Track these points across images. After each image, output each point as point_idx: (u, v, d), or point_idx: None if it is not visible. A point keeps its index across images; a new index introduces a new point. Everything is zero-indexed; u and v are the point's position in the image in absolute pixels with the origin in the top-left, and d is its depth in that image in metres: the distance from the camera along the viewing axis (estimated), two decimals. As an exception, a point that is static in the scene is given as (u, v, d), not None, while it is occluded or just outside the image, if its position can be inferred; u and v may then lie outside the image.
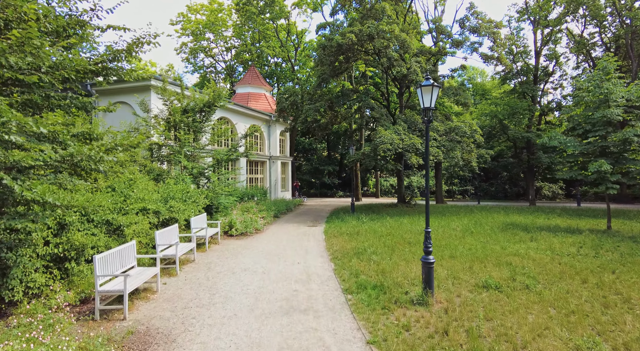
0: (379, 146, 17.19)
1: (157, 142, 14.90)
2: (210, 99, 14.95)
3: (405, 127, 18.84)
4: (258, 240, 12.89)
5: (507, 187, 36.52)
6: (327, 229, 15.07)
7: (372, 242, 11.82)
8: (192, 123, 14.59)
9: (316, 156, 45.84)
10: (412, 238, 12.63)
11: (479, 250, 10.71)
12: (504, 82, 26.97)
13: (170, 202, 10.76)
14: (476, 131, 18.65)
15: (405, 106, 24.08)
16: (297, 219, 19.06)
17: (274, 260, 9.80)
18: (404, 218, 18.00)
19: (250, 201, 20.96)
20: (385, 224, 15.71)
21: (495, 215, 19.67)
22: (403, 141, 17.54)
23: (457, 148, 18.26)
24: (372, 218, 17.61)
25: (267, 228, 15.68)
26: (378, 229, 14.41)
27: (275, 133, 28.53)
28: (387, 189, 40.17)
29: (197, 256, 10.31)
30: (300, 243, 12.37)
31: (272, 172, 28.57)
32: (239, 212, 15.91)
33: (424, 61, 20.12)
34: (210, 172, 14.48)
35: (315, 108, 20.25)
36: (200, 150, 15.07)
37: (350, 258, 9.79)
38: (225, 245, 12.03)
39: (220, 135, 15.94)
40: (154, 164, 13.69)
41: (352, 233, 13.61)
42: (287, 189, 30.92)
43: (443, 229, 14.73)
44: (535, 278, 7.77)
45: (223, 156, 15.05)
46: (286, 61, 35.05)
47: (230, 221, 13.88)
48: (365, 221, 16.60)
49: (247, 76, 30.49)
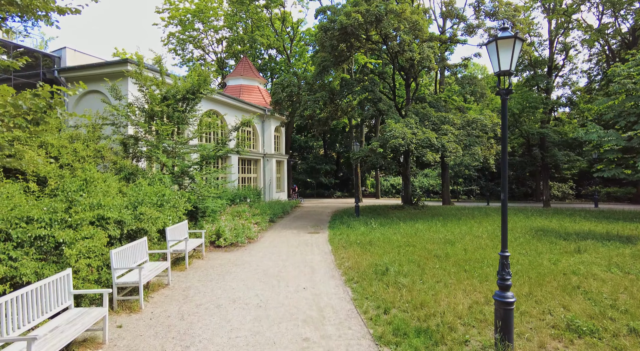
0: (390, 140, 15.05)
1: (134, 135, 12.60)
2: (194, 84, 12.67)
3: (417, 121, 16.74)
4: (251, 253, 10.66)
5: (513, 187, 34.70)
6: (332, 237, 12.89)
7: (393, 256, 9.66)
8: (172, 113, 12.30)
9: (312, 154, 43.65)
10: (438, 249, 10.50)
11: (525, 266, 8.63)
12: (517, 73, 25.08)
13: (140, 208, 8.49)
14: (498, 124, 16.61)
15: (413, 99, 21.98)
16: (295, 224, 16.85)
17: (273, 284, 7.59)
18: (417, 222, 15.89)
19: (243, 204, 18.70)
20: (399, 231, 13.59)
21: (514, 218, 17.67)
22: (416, 135, 15.43)
23: (477, 143, 16.23)
24: (382, 223, 15.47)
25: (262, 236, 13.44)
26: (393, 238, 12.26)
27: (269, 129, 26.27)
28: (387, 189, 38.13)
29: (174, 277, 8.06)
30: (303, 256, 10.16)
31: (267, 172, 26.31)
32: (229, 217, 13.66)
33: (437, 46, 18.04)
34: (195, 170, 12.19)
35: (316, 100, 18.04)
36: (182, 144, 12.79)
37: (371, 280, 7.61)
38: (211, 260, 9.78)
39: (206, 127, 13.64)
40: (126, 161, 11.38)
41: (363, 243, 11.44)
42: (283, 190, 28.68)
43: (467, 236, 12.64)
44: (635, 315, 5.67)
45: (210, 151, 12.78)
46: (281, 52, 32.75)
47: (218, 229, 11.63)
48: (375, 227, 14.45)
49: (238, 67, 28.16)
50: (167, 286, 7.46)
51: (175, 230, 9.25)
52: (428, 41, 17.70)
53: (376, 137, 16.81)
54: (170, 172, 12.44)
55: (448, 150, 15.34)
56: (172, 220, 9.77)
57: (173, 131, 12.67)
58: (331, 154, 47.71)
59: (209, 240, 11.47)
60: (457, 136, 16.15)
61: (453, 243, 11.46)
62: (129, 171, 11.00)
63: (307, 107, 17.88)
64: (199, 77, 12.85)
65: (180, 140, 12.62)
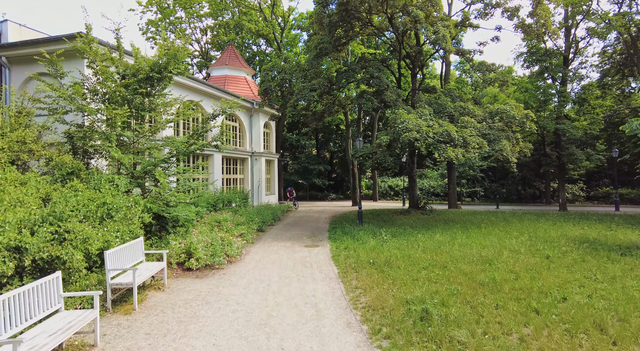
0: (402, 134, 12.52)
1: (83, 124, 9.85)
2: (161, 60, 9.95)
3: (431, 112, 14.25)
4: (231, 279, 7.97)
5: (520, 188, 32.58)
6: (336, 253, 10.28)
7: (425, 284, 7.09)
8: (132, 96, 9.55)
9: (304, 154, 40.99)
10: (478, 272, 7.98)
11: (612, 300, 6.18)
12: (531, 64, 22.94)
13: (65, 224, 5.78)
14: (528, 117, 14.23)
15: (420, 91, 19.54)
16: (288, 233, 14.18)
17: (259, 344, 4.93)
18: (433, 232, 13.38)
19: (226, 209, 15.96)
20: (418, 244, 11.04)
21: (540, 225, 15.32)
22: (432, 127, 12.93)
23: (503, 138, 13.81)
24: (393, 233, 12.90)
25: (248, 251, 10.74)
26: (414, 255, 9.70)
27: (258, 124, 23.55)
28: (384, 191, 35.68)
29: (112, 328, 5.34)
30: (302, 285, 7.52)
31: (255, 172, 23.58)
32: (206, 228, 10.93)
33: (452, 26, 15.58)
34: (160, 170, 9.43)
35: (312, 87, 15.40)
36: (146, 137, 10.04)
37: (408, 332, 5.03)
38: (174, 293, 7.06)
39: (177, 116, 10.86)
40: (65, 157, 8.57)
41: (379, 263, 8.85)
42: (273, 192, 25.96)
43: (503, 252, 10.16)
44: None
45: (180, 146, 10.04)
46: (271, 42, 30.02)
47: (189, 245, 8.91)
48: (387, 239, 11.88)
49: (223, 56, 25.37)
50: (92, 349, 4.74)
51: (120, 253, 6.52)
52: (443, 21, 15.24)
53: (384, 131, 14.30)
54: (129, 173, 9.69)
55: (470, 145, 12.88)
56: (121, 238, 7.06)
57: (131, 120, 9.92)
58: (324, 154, 45.15)
59: (177, 261, 8.75)
60: (479, 129, 13.71)
61: (491, 262, 8.97)
62: (68, 170, 8.23)
63: (302, 97, 15.24)
64: (167, 51, 10.13)
65: (143, 131, 9.86)
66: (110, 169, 10.30)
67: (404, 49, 18.60)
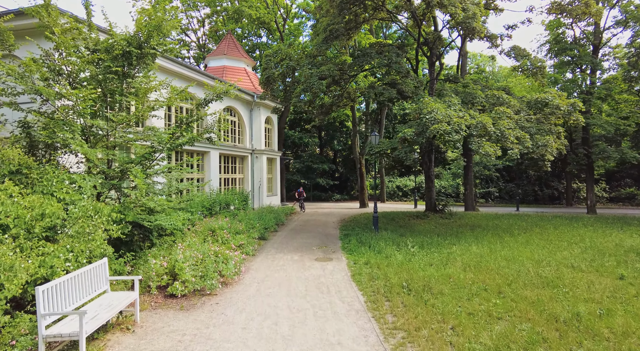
0: (430, 126, 10.59)
1: (42, 112, 7.93)
2: (141, 32, 8.03)
3: (459, 102, 12.32)
4: (226, 313, 6.04)
5: (536, 189, 30.66)
6: (356, 271, 8.36)
7: (490, 325, 5.16)
8: (104, 75, 7.62)
9: (306, 152, 39.01)
10: (544, 299, 6.07)
11: None
12: (559, 53, 20.98)
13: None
14: (575, 106, 12.22)
15: (439, 80, 17.60)
16: (294, 242, 12.25)
17: None
18: (465, 241, 11.46)
19: (224, 213, 14.05)
20: (454, 259, 9.11)
21: (584, 232, 13.39)
22: (463, 119, 11.00)
23: (545, 131, 11.88)
24: (420, 243, 10.96)
25: (248, 268, 8.81)
26: (454, 274, 7.79)
27: (259, 119, 21.61)
28: (392, 191, 33.73)
29: None
30: (321, 325, 5.58)
31: (256, 171, 21.64)
32: (198, 239, 9.01)
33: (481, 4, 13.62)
34: (138, 168, 7.47)
35: (321, 74, 13.45)
36: (120, 124, 8.11)
37: None
38: (147, 336, 5.13)
39: (160, 101, 8.88)
40: (9, 151, 6.62)
41: (415, 287, 6.92)
42: (275, 193, 24.02)
43: (561, 268, 8.24)
44: None
45: (163, 138, 8.08)
46: (273, 30, 28.03)
47: (174, 265, 6.99)
48: (415, 251, 9.95)
49: (221, 45, 23.41)
50: None
51: (67, 286, 4.60)
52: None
53: (408, 124, 12.36)
54: (100, 172, 7.77)
55: (509, 139, 10.94)
56: (75, 261, 5.14)
57: (105, 106, 7.99)
58: (327, 153, 43.17)
59: (157, 284, 6.82)
60: (517, 121, 11.78)
61: (556, 285, 7.07)
62: (12, 168, 6.30)
63: (309, 86, 13.27)
64: (147, 22, 8.20)
65: (118, 120, 7.90)
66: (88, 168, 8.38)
67: (421, 36, 16.65)
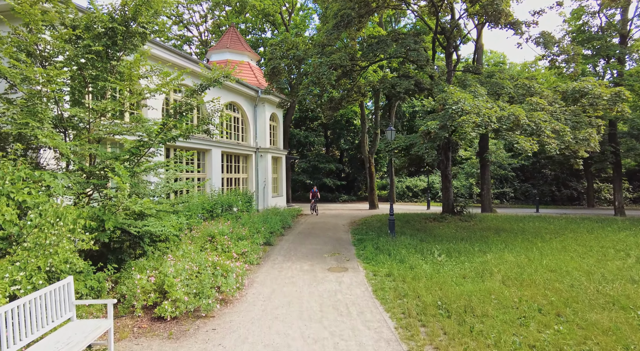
0: (456, 118, 9.36)
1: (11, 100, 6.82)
2: (127, 6, 6.89)
3: (485, 92, 11.06)
4: (224, 344, 4.84)
5: (553, 189, 29.24)
6: (377, 285, 7.15)
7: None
8: (83, 56, 6.48)
9: (312, 152, 37.83)
10: (623, 327, 4.82)
11: None
12: (584, 43, 19.61)
13: None
14: (620, 96, 10.85)
15: (456, 71, 16.35)
16: (303, 248, 11.05)
17: None
18: (496, 247, 10.21)
19: (226, 216, 12.91)
20: (490, 269, 7.87)
21: (624, 237, 12.09)
22: (493, 110, 9.74)
23: (585, 124, 10.58)
24: (446, 250, 9.72)
25: (252, 281, 7.62)
26: (495, 289, 6.55)
27: (263, 116, 20.46)
28: (401, 191, 32.46)
29: None
30: (344, 359, 4.38)
31: (260, 170, 20.49)
32: (194, 248, 7.84)
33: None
34: (119, 164, 6.29)
35: (331, 63, 12.25)
36: (104, 114, 6.96)
37: None
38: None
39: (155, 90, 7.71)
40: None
41: (454, 307, 5.71)
42: (281, 194, 22.85)
43: (624, 284, 6.98)
44: None
45: (151, 130, 6.92)
46: (278, 24, 26.89)
47: (163, 280, 5.83)
48: (443, 261, 8.72)
49: (224, 39, 22.29)
50: None
51: (12, 318, 3.43)
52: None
53: (430, 116, 11.11)
54: (79, 169, 6.64)
55: (545, 133, 9.68)
56: (29, 282, 3.99)
57: (80, 91, 6.86)
58: (333, 152, 41.95)
59: (143, 303, 5.66)
60: (552, 113, 10.51)
61: (624, 306, 5.82)
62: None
63: (319, 76, 12.07)
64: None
65: (100, 108, 6.75)
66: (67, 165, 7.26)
67: (438, 25, 15.40)
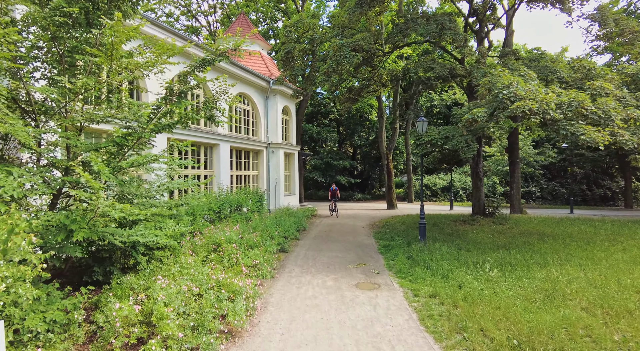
0: (509, 104, 7.79)
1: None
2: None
3: (535, 77, 9.42)
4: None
5: (584, 188, 27.28)
6: (423, 311, 5.67)
7: None
8: (52, 19, 5.11)
9: (325, 148, 36.36)
10: None
11: None
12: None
13: None
14: None
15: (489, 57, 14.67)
16: (323, 256, 9.59)
17: None
18: (551, 257, 8.62)
19: (235, 217, 11.57)
20: (561, 288, 6.31)
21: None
22: (548, 94, 8.12)
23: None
24: (496, 262, 8.17)
25: (265, 302, 6.18)
26: (579, 319, 5.01)
27: (275, 108, 19.05)
28: (419, 190, 30.80)
29: None
30: None
31: (272, 167, 19.11)
32: (196, 258, 6.47)
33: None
34: (95, 157, 4.90)
35: (354, 45, 10.75)
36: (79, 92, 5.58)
37: None
38: None
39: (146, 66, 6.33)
40: None
41: (536, 345, 4.21)
42: (293, 193, 21.46)
43: None
44: None
45: (141, 116, 5.53)
46: (291, 13, 25.44)
47: (151, 309, 4.44)
48: (496, 277, 7.19)
49: (234, 26, 20.92)
50: None
51: None
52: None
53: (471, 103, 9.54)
54: (49, 164, 5.30)
55: (615, 123, 8.04)
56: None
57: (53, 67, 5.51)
58: (345, 149, 40.41)
59: (124, 341, 4.28)
60: (621, 98, 8.86)
61: None
62: None
63: (341, 59, 10.59)
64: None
65: (78, 87, 5.37)
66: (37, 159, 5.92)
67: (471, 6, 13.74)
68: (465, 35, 11.24)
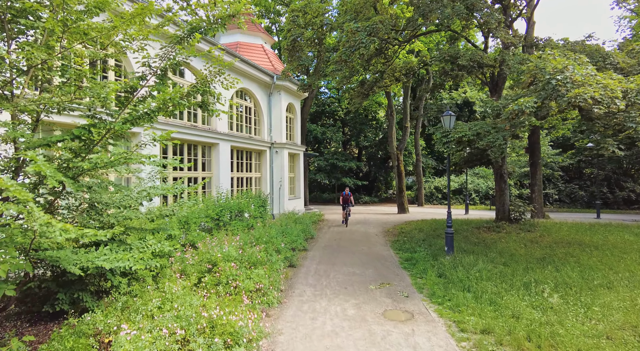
0: (566, 92, 6.42)
1: None
2: None
3: (587, 60, 8.06)
4: None
5: (605, 190, 25.80)
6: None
7: None
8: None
9: (329, 149, 35.01)
10: None
11: None
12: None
13: None
14: None
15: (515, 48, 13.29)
16: (337, 273, 8.20)
17: None
18: (617, 277, 7.21)
19: (236, 224, 10.23)
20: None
21: None
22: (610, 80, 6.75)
23: None
24: (548, 282, 6.77)
25: (273, 346, 4.81)
26: None
27: (279, 106, 17.72)
28: (429, 193, 29.34)
29: None
30: None
31: (276, 169, 17.76)
32: (183, 287, 5.11)
33: None
34: (32, 155, 3.57)
35: (371, 29, 9.41)
36: (27, 67, 4.23)
37: None
38: None
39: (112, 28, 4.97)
40: None
41: None
42: (298, 196, 20.09)
43: None
44: None
45: (104, 98, 4.19)
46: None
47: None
48: (558, 304, 5.79)
49: (235, 18, 19.62)
50: None
51: None
52: None
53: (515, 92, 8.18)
54: None
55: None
56: None
57: None
58: (350, 150, 39.01)
59: None
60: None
61: None
62: None
63: (357, 46, 9.25)
64: None
65: (26, 60, 4.02)
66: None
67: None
68: (498, 17, 9.87)
